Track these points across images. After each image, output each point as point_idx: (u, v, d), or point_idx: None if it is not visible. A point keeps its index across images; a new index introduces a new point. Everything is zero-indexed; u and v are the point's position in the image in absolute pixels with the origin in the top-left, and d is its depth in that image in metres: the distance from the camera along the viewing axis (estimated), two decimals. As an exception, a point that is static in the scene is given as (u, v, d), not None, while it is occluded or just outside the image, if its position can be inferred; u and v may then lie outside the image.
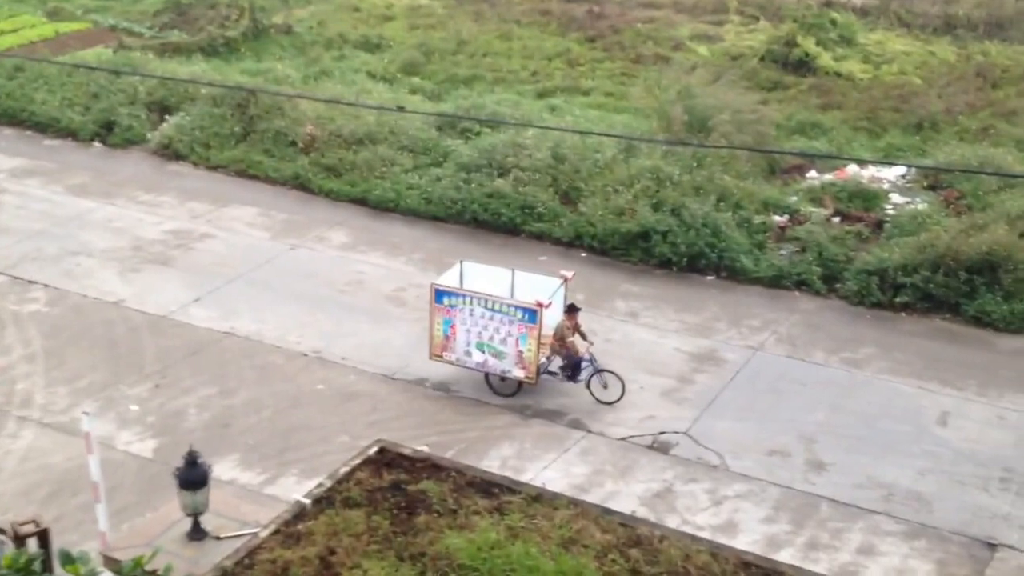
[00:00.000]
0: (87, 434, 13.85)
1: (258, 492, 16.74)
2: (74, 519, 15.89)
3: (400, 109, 25.79)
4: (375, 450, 13.75)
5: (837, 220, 25.30)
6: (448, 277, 19.73)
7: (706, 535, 15.07)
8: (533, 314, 18.53)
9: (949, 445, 18.38)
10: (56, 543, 11.05)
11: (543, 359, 19.06)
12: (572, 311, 19.17)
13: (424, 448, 16.86)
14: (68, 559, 6.35)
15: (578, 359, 19.05)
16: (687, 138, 27.11)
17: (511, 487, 13.06)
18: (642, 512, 16.08)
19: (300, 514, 12.45)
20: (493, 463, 17.32)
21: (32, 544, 11.53)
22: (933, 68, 35.56)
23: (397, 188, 27.01)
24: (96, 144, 31.01)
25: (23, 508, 15.41)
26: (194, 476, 12.50)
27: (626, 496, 16.83)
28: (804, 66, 35.25)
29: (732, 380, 20.12)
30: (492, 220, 25.69)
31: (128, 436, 18.34)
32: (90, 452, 13.85)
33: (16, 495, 16.79)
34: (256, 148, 29.38)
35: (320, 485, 13.04)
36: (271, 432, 18.51)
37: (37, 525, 11.72)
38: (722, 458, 17.92)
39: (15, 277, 23.52)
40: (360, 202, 27.19)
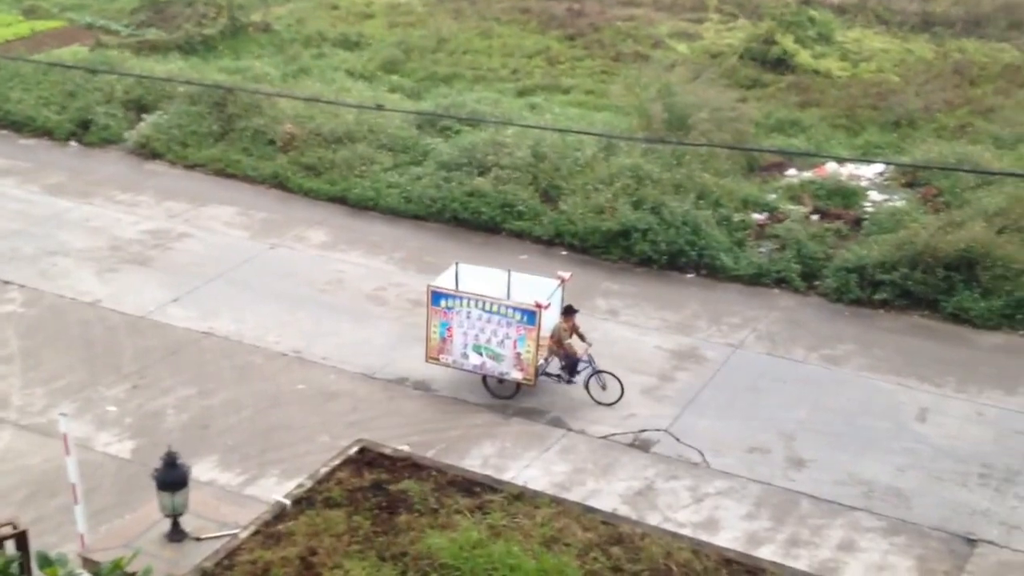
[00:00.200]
0: (65, 435, 13.75)
1: (238, 493, 16.66)
2: (52, 521, 15.75)
3: (380, 107, 25.74)
4: (356, 450, 13.70)
5: (816, 218, 25.38)
6: (444, 279, 19.52)
7: (687, 532, 15.10)
8: (532, 316, 18.40)
9: (928, 441, 18.45)
10: (34, 545, 10.97)
11: (541, 361, 18.95)
12: (569, 313, 19.09)
13: (405, 447, 16.82)
14: (46, 561, 6.31)
15: (576, 360, 19.00)
16: (667, 136, 27.14)
17: (492, 486, 13.03)
18: (623, 510, 16.08)
19: (280, 514, 12.39)
20: (474, 462, 17.29)
21: (10, 546, 11.45)
22: (911, 66, 35.72)
23: (377, 187, 26.94)
24: (73, 143, 30.83)
25: (0, 510, 15.29)
26: (173, 477, 12.43)
27: (607, 494, 16.83)
28: (783, 64, 35.36)
29: (712, 378, 20.14)
30: (472, 219, 25.65)
31: (106, 437, 18.22)
32: (68, 453, 13.76)
33: (-7, 497, 16.67)
34: (234, 147, 29.26)
35: (300, 485, 12.98)
36: (251, 432, 18.42)
37: (15, 527, 11.63)
38: (703, 455, 17.94)
39: (-9, 277, 23.37)
40: (339, 201, 27.10)
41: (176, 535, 12.56)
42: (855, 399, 19.62)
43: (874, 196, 26.53)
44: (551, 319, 18.94)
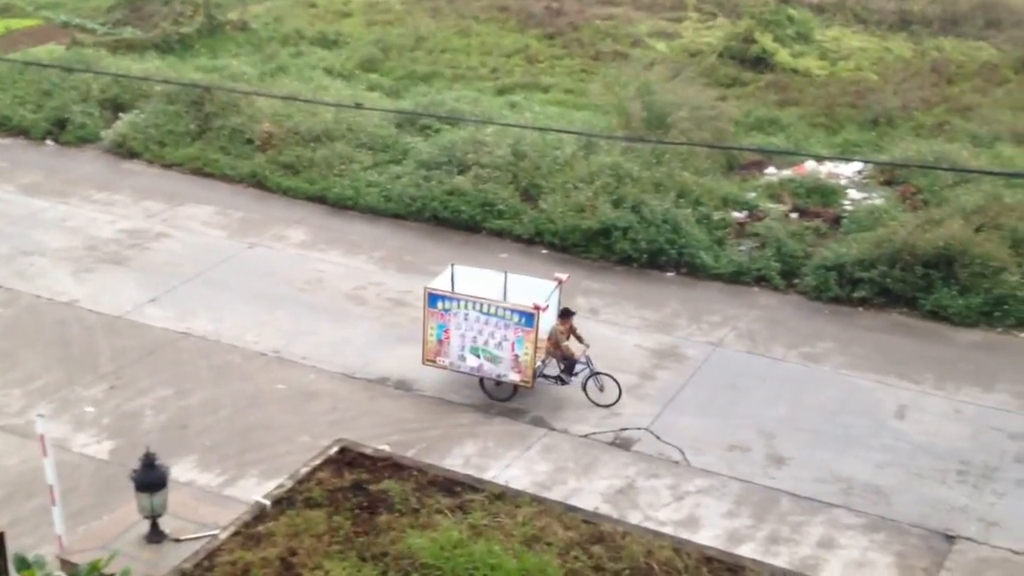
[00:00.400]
0: (42, 436, 13.64)
1: (217, 493, 16.55)
2: (30, 523, 15.62)
3: (358, 106, 25.64)
4: (336, 450, 13.65)
5: (795, 216, 25.45)
6: (440, 281, 19.37)
7: (668, 530, 15.11)
8: (530, 318, 18.28)
9: (907, 438, 18.52)
10: (11, 547, 10.85)
11: (539, 363, 18.86)
12: (567, 315, 19.02)
13: (385, 447, 16.77)
14: (24, 563, 6.24)
15: (573, 362, 18.96)
16: (646, 134, 27.16)
17: (474, 485, 13.01)
18: (605, 509, 16.08)
19: (260, 515, 12.34)
20: (455, 461, 17.25)
21: (-14, 549, 11.34)
22: (889, 64, 35.88)
23: (356, 186, 26.85)
24: (49, 142, 30.63)
25: (-24, 512, 15.19)
26: (152, 478, 12.35)
27: (589, 493, 16.82)
28: (762, 63, 35.45)
29: (693, 376, 20.17)
30: (452, 218, 25.60)
31: (84, 438, 18.08)
32: (45, 455, 13.64)
33: (-31, 499, 16.52)
34: (212, 146, 29.12)
35: (280, 486, 12.93)
36: (230, 433, 18.32)
37: (-9, 529, 11.52)
38: (683, 454, 17.95)
39: (-33, 277, 23.16)
40: (318, 200, 27.00)
41: (155, 536, 12.48)
42: (834, 397, 19.68)
43: (853, 194, 26.62)
44: (549, 321, 18.87)
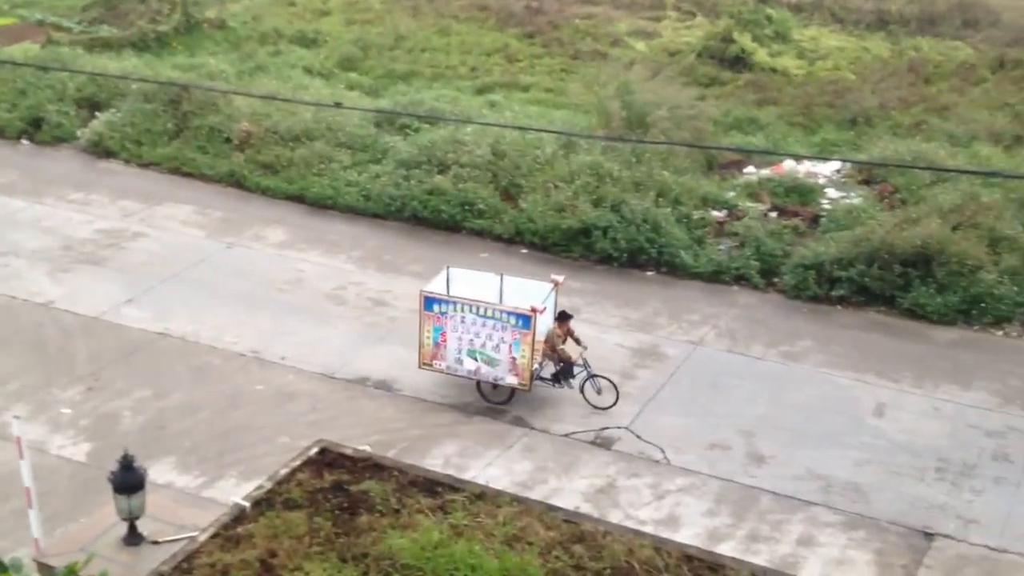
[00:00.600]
0: (18, 439, 13.54)
1: (196, 495, 16.46)
2: (6, 525, 15.50)
3: (337, 105, 25.51)
4: (316, 450, 13.62)
5: (774, 215, 25.52)
6: (435, 283, 19.27)
7: (649, 529, 15.12)
8: (527, 320, 18.19)
9: (886, 436, 18.60)
10: (-13, 551, 10.77)
11: (536, 365, 18.78)
12: (564, 318, 18.97)
13: (366, 448, 16.72)
14: (0, 566, 6.19)
15: (571, 365, 18.91)
16: (626, 134, 27.18)
17: (454, 485, 13.01)
18: (585, 508, 16.09)
19: (239, 517, 12.29)
20: (436, 461, 17.22)
21: (-38, 552, 11.23)
22: (866, 64, 36.03)
23: (335, 185, 26.76)
24: (24, 142, 30.40)
25: (-48, 515, 15.05)
26: (130, 480, 12.30)
27: (569, 492, 16.81)
28: (740, 62, 35.54)
29: (673, 375, 20.19)
30: (432, 217, 25.55)
31: (61, 440, 17.95)
32: (21, 457, 13.54)
33: (-55, 502, 16.37)
34: (190, 145, 28.97)
35: (260, 487, 12.88)
36: (208, 434, 18.22)
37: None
38: (664, 453, 17.97)
39: (-59, 278, 22.96)
40: (297, 199, 26.90)
41: (133, 539, 12.43)
42: (813, 395, 19.74)
43: (831, 193, 26.71)
44: (545, 323, 18.82)
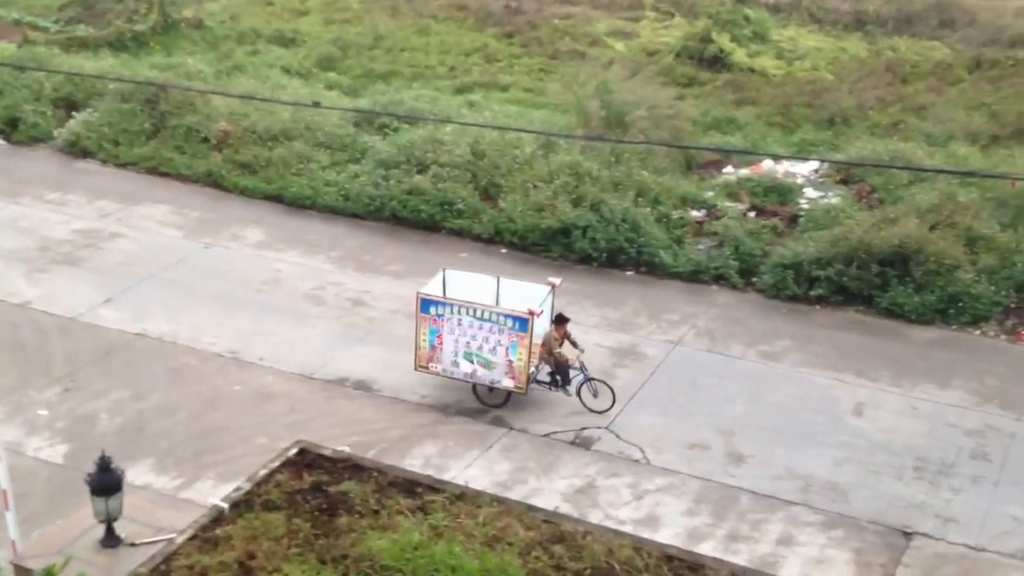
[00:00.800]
0: (-6, 440, 13.44)
1: (174, 497, 16.38)
2: (-19, 528, 15.39)
3: (316, 105, 25.41)
4: (295, 451, 13.57)
5: (753, 215, 25.59)
6: (431, 286, 19.24)
7: (628, 529, 15.13)
8: (524, 323, 18.16)
9: (864, 435, 18.67)
10: (-38, 554, 10.68)
11: (532, 368, 18.75)
12: (561, 321, 18.91)
13: (345, 448, 16.67)
14: (-26, 572, 6.12)
15: (567, 368, 18.88)
16: (605, 134, 27.20)
17: (434, 486, 12.98)
18: (565, 508, 16.10)
19: (218, 518, 12.23)
20: (415, 462, 17.19)
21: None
22: (844, 64, 36.17)
23: (314, 185, 26.69)
24: (0, 141, 30.17)
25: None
26: (107, 481, 12.21)
27: (549, 492, 16.81)
28: (719, 62, 35.62)
29: (652, 375, 20.21)
30: (411, 217, 25.51)
31: (37, 442, 17.83)
32: (-3, 459, 13.45)
33: (-81, 505, 16.22)
34: (167, 145, 28.85)
35: (238, 488, 12.82)
36: (186, 435, 18.13)
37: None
38: (643, 452, 17.99)
39: (-84, 279, 22.78)
40: (276, 199, 26.81)
41: (110, 541, 12.34)
42: (792, 394, 19.80)
43: (809, 193, 26.81)
44: (543, 326, 18.80)
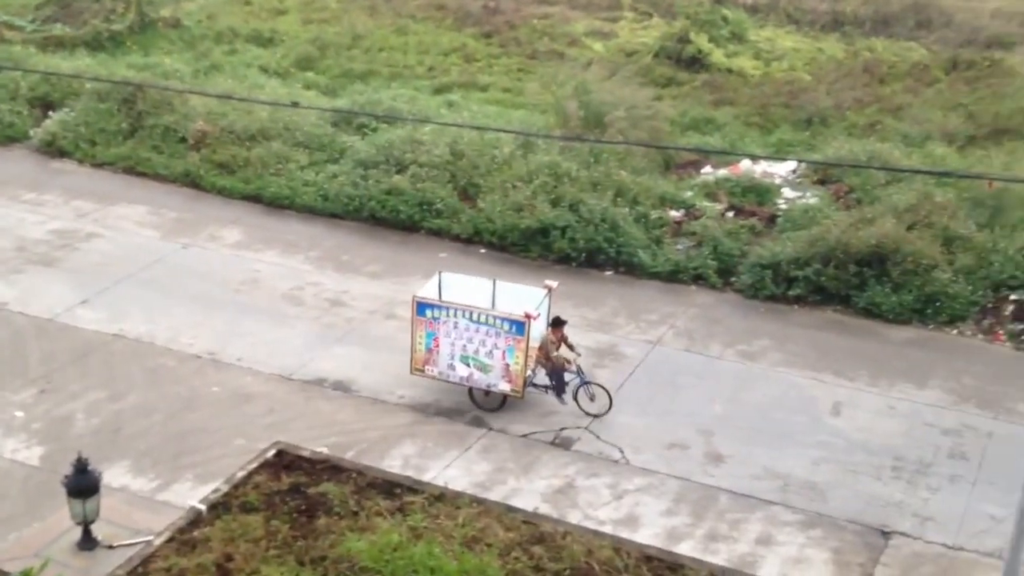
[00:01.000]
0: (-32, 443, 13.35)
1: (151, 499, 16.24)
2: (-44, 531, 15.26)
3: (294, 104, 25.35)
4: (273, 452, 13.55)
5: (731, 215, 25.67)
6: (427, 288, 19.18)
7: (608, 530, 15.17)
8: (521, 326, 18.11)
9: (842, 435, 18.75)
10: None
11: (528, 372, 18.70)
12: (558, 324, 18.87)
13: (324, 449, 16.66)
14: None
15: (564, 371, 18.82)
16: (583, 134, 27.23)
17: (413, 487, 12.99)
18: (544, 508, 16.09)
19: (195, 520, 12.20)
20: (395, 463, 17.14)
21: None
22: (822, 64, 36.32)
23: (292, 185, 26.61)
24: (-25, 141, 30.00)
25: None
26: (84, 484, 12.16)
27: (528, 493, 16.79)
28: (697, 62, 35.69)
29: (631, 375, 20.24)
30: (390, 217, 25.47)
31: (13, 444, 17.68)
32: (-28, 461, 13.36)
33: None
34: (144, 145, 28.70)
35: (216, 490, 12.79)
36: (164, 436, 18.03)
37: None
38: (623, 452, 18.01)
39: None
40: (254, 199, 26.71)
41: (87, 543, 12.29)
42: (771, 394, 19.86)
43: (787, 193, 26.92)
44: (539, 329, 18.75)
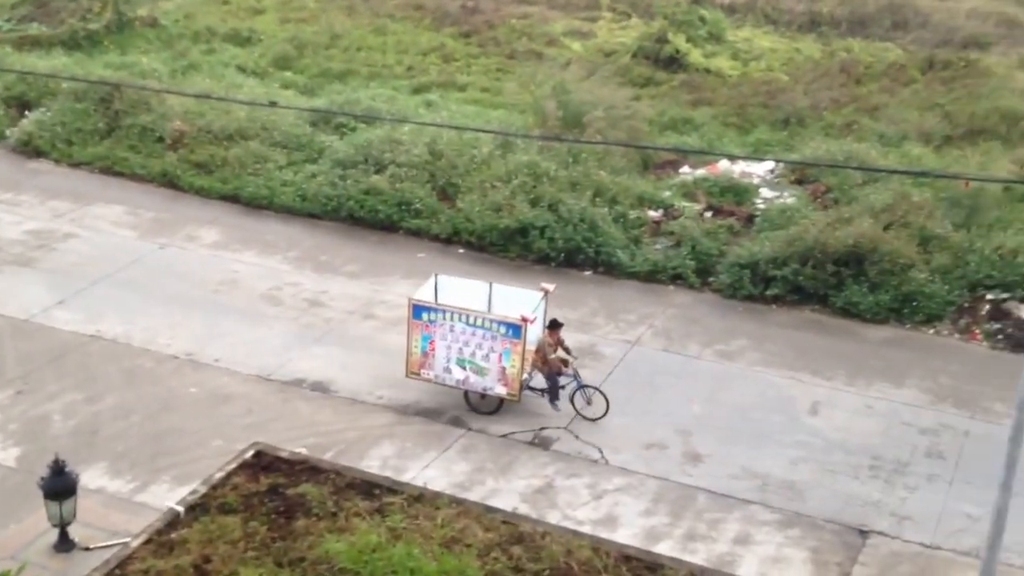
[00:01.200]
0: (-57, 445, 13.26)
1: (128, 500, 16.16)
2: (-69, 534, 15.15)
3: (272, 104, 25.24)
4: (251, 453, 13.51)
5: (709, 214, 25.73)
6: (423, 291, 19.13)
7: (587, 530, 15.19)
8: (517, 329, 18.09)
9: (820, 434, 18.83)
10: (-89, 561, 10.52)
11: (525, 375, 18.68)
12: (555, 327, 18.88)
13: (302, 450, 16.61)
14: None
15: (561, 375, 18.81)
16: (562, 134, 27.26)
17: (392, 487, 12.98)
18: (524, 509, 16.11)
19: (173, 522, 12.15)
20: (373, 463, 17.11)
21: None
22: (799, 65, 36.46)
23: (271, 185, 26.53)
24: (-50, 141, 29.80)
25: None
26: (60, 485, 12.10)
27: (507, 493, 16.80)
28: (675, 63, 35.76)
29: (610, 374, 20.26)
30: (369, 217, 25.42)
31: (-11, 445, 17.60)
32: (-53, 464, 13.27)
33: None
34: (121, 144, 28.56)
35: (194, 491, 12.75)
36: (141, 438, 17.94)
37: None
38: (602, 452, 18.04)
39: None
40: (232, 199, 26.62)
41: (64, 545, 12.23)
42: (749, 393, 19.93)
43: (765, 193, 27.01)
44: (535, 332, 18.73)
